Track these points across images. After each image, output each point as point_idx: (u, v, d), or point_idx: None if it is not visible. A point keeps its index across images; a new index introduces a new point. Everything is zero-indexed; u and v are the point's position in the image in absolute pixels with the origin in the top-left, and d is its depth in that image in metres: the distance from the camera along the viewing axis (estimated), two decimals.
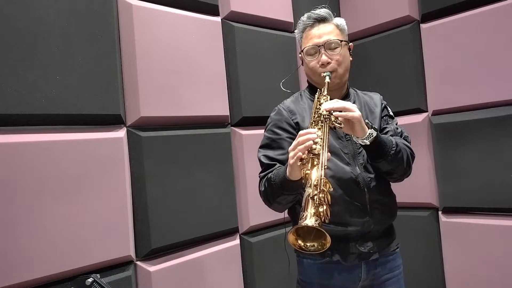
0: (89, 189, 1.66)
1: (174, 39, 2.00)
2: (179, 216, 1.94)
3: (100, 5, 1.77)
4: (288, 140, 1.39)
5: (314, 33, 1.44)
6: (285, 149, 1.37)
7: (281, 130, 1.42)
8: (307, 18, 1.46)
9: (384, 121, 1.53)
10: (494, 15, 2.15)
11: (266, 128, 1.49)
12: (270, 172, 1.37)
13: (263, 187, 1.38)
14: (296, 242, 1.07)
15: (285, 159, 1.37)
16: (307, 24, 1.46)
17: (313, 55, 1.43)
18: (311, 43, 1.43)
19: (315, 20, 1.44)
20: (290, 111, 1.45)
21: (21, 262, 1.47)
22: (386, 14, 2.60)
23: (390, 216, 1.45)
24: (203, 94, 2.10)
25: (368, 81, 2.73)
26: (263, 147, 1.45)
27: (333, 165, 1.35)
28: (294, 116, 1.44)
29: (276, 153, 1.40)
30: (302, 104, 1.48)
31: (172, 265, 1.90)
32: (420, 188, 2.45)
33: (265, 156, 1.42)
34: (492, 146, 2.15)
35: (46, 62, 1.59)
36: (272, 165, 1.38)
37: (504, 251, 2.11)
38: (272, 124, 1.46)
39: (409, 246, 2.50)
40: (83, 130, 1.71)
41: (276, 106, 1.52)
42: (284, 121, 1.43)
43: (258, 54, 2.37)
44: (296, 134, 1.36)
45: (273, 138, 1.43)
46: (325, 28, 1.44)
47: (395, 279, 1.46)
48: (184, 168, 1.99)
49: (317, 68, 1.42)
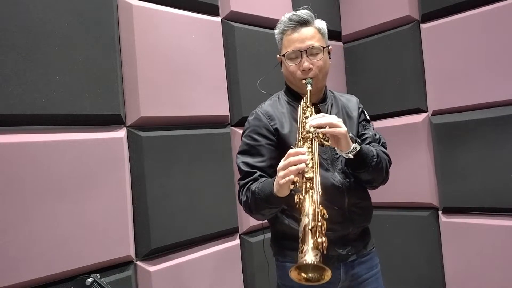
0: (89, 189, 1.66)
1: (174, 39, 2.00)
2: (179, 216, 1.94)
3: (100, 5, 1.77)
4: (267, 146, 1.39)
5: (296, 37, 1.39)
6: (264, 156, 1.38)
7: (260, 137, 1.40)
8: (288, 20, 1.41)
9: (362, 126, 1.53)
10: (494, 15, 2.15)
11: (244, 133, 1.46)
12: (251, 181, 1.36)
13: (244, 197, 1.36)
14: (300, 276, 1.05)
15: (264, 166, 1.37)
16: (288, 27, 1.41)
17: (293, 60, 1.39)
18: (292, 48, 1.39)
19: (297, 23, 1.40)
20: (269, 116, 1.42)
21: (21, 262, 1.47)
22: (386, 14, 2.60)
23: (368, 219, 1.47)
24: (203, 94, 2.10)
25: (368, 81, 2.73)
26: (241, 153, 1.43)
27: None
28: (273, 122, 1.41)
29: (255, 160, 1.38)
30: (280, 108, 1.45)
31: (172, 265, 1.90)
32: (420, 188, 2.45)
33: (244, 163, 1.39)
34: (492, 146, 2.15)
35: (46, 62, 1.59)
36: (251, 173, 1.37)
37: (504, 251, 2.11)
38: (251, 130, 1.43)
39: (409, 246, 2.50)
40: (83, 130, 1.71)
41: (254, 110, 1.48)
42: (263, 127, 1.41)
43: (258, 54, 2.37)
44: (276, 140, 1.39)
45: (252, 144, 1.40)
46: (307, 32, 1.39)
47: (374, 278, 1.47)
48: (184, 168, 1.99)
49: (297, 73, 1.39)
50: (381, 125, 2.62)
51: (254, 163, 1.38)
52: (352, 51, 2.84)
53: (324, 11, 2.81)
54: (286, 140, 1.38)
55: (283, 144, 1.38)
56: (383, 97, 2.64)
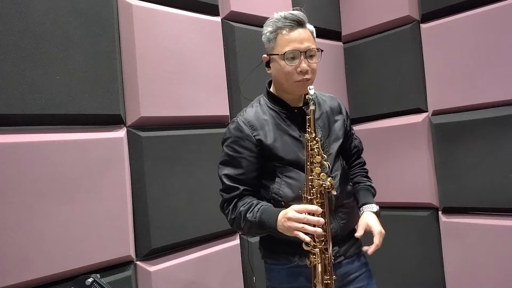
0: (89, 189, 1.66)
1: (174, 39, 2.00)
2: (179, 216, 1.94)
3: (100, 5, 1.77)
4: (249, 159, 1.36)
5: (295, 37, 1.33)
6: (245, 168, 1.36)
7: (241, 148, 1.36)
8: (284, 18, 1.34)
9: (349, 137, 1.56)
10: (494, 15, 2.15)
11: (225, 142, 1.41)
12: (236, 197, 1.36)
13: (232, 215, 1.35)
14: None
15: (246, 178, 1.37)
16: (286, 25, 1.33)
17: (291, 60, 1.33)
18: (292, 47, 1.32)
19: (295, 22, 1.34)
20: (251, 126, 1.37)
21: (21, 262, 1.47)
22: (386, 14, 2.60)
23: (354, 220, 1.46)
24: (203, 94, 2.10)
25: (368, 81, 2.73)
26: (223, 164, 1.40)
27: (300, 177, 1.34)
28: (256, 132, 1.36)
29: (236, 172, 1.36)
30: (262, 115, 1.40)
31: (172, 265, 1.91)
32: (420, 188, 2.45)
33: (226, 176, 1.37)
34: (492, 146, 2.15)
35: (46, 62, 1.59)
36: (235, 188, 1.36)
37: (504, 251, 2.11)
38: (232, 141, 1.38)
39: (409, 246, 2.50)
40: (83, 130, 1.71)
41: (235, 117, 1.44)
42: (246, 138, 1.36)
43: (258, 54, 2.36)
44: (258, 152, 1.36)
45: (233, 156, 1.37)
46: (304, 33, 1.35)
47: (364, 275, 1.46)
48: (184, 168, 1.99)
49: (294, 74, 1.34)
50: (381, 125, 2.62)
51: (236, 175, 1.36)
52: (352, 51, 2.84)
53: (324, 11, 2.81)
54: (270, 150, 1.36)
55: (267, 154, 1.36)
56: (383, 97, 2.64)
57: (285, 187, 1.35)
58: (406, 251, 2.52)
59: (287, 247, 1.36)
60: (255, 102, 1.48)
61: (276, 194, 1.36)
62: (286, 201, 1.33)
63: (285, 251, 1.38)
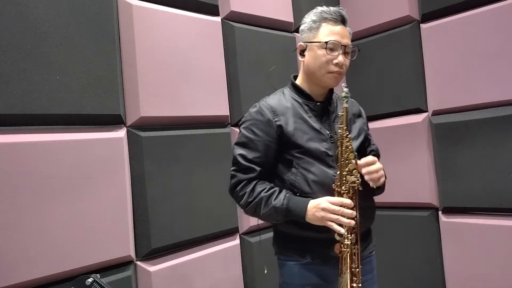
0: (89, 189, 1.66)
1: (174, 39, 2.00)
2: (179, 216, 1.94)
3: (100, 5, 1.77)
4: (267, 143, 1.38)
5: (338, 30, 1.39)
6: (261, 152, 1.38)
7: (260, 132, 1.38)
8: (330, 11, 1.39)
9: (368, 140, 1.57)
10: (494, 15, 2.15)
11: (243, 124, 1.43)
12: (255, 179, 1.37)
13: (250, 198, 1.36)
14: None
15: (262, 162, 1.38)
16: (332, 18, 1.38)
17: (331, 51, 1.37)
18: (335, 39, 1.37)
19: (340, 18, 1.40)
20: (273, 112, 1.39)
21: (21, 262, 1.47)
22: (386, 14, 2.60)
23: (370, 220, 1.47)
24: (203, 94, 2.10)
25: (368, 81, 2.73)
26: (239, 145, 1.41)
27: (317, 169, 1.36)
28: (277, 118, 1.38)
29: (252, 155, 1.38)
30: (285, 103, 1.42)
31: (172, 265, 1.91)
32: (420, 188, 2.45)
33: (241, 156, 1.39)
34: (492, 146, 2.15)
35: (46, 62, 1.59)
36: (252, 169, 1.37)
37: (504, 251, 2.11)
38: (252, 123, 1.40)
39: (409, 246, 2.50)
40: (83, 130, 1.71)
41: (257, 102, 1.45)
42: (266, 122, 1.38)
43: (258, 54, 2.37)
44: (277, 137, 1.37)
45: (252, 138, 1.38)
46: (345, 30, 1.41)
47: (371, 281, 1.48)
48: (184, 168, 1.99)
49: (329, 64, 1.37)
50: (381, 125, 2.62)
51: (252, 157, 1.38)
52: None
53: None
54: (289, 137, 1.37)
55: (286, 141, 1.38)
56: (383, 97, 2.64)
57: (300, 178, 1.36)
58: (406, 251, 2.52)
59: (300, 244, 1.38)
60: (279, 91, 1.51)
61: (292, 185, 1.37)
62: (300, 193, 1.35)
63: (298, 248, 1.40)
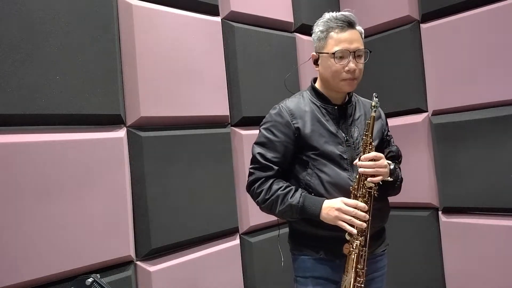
0: (89, 189, 1.67)
1: (174, 39, 2.00)
2: (179, 216, 1.94)
3: (100, 5, 1.77)
4: (286, 144, 1.42)
5: (345, 37, 1.39)
6: (279, 153, 1.42)
7: (280, 133, 1.42)
8: (335, 19, 1.41)
9: (387, 142, 1.59)
10: (494, 15, 2.15)
11: (264, 125, 1.48)
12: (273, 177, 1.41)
13: (267, 196, 1.39)
14: None
15: (280, 162, 1.42)
16: (338, 25, 1.40)
17: (340, 59, 1.39)
18: (341, 47, 1.38)
19: (346, 23, 1.40)
20: (292, 114, 1.44)
21: (21, 262, 1.47)
22: (386, 14, 2.60)
23: (383, 220, 1.49)
24: (203, 94, 2.10)
25: (368, 81, 2.72)
26: (259, 145, 1.45)
27: (331, 171, 1.38)
28: (296, 120, 1.42)
29: (271, 155, 1.42)
30: (303, 106, 1.46)
31: (172, 265, 1.91)
32: (420, 188, 2.45)
33: (260, 155, 1.43)
34: (492, 146, 2.15)
35: (46, 62, 1.59)
36: (270, 167, 1.41)
37: (504, 251, 2.11)
38: (272, 124, 1.45)
39: (409, 246, 2.50)
40: (83, 130, 1.71)
41: (277, 104, 1.50)
42: (285, 124, 1.43)
43: (258, 54, 2.37)
44: (294, 139, 1.42)
45: (271, 139, 1.43)
46: (354, 33, 1.41)
47: (381, 278, 1.51)
48: (184, 168, 1.99)
49: (341, 72, 1.39)
50: None
51: (271, 157, 1.42)
52: None
53: (323, 11, 2.80)
54: (306, 140, 1.40)
55: (302, 143, 1.41)
56: (383, 97, 2.62)
57: (315, 179, 1.39)
58: (406, 251, 2.52)
59: (314, 241, 1.42)
60: (298, 94, 1.54)
61: (308, 185, 1.40)
62: (315, 194, 1.38)
63: (312, 245, 1.44)
